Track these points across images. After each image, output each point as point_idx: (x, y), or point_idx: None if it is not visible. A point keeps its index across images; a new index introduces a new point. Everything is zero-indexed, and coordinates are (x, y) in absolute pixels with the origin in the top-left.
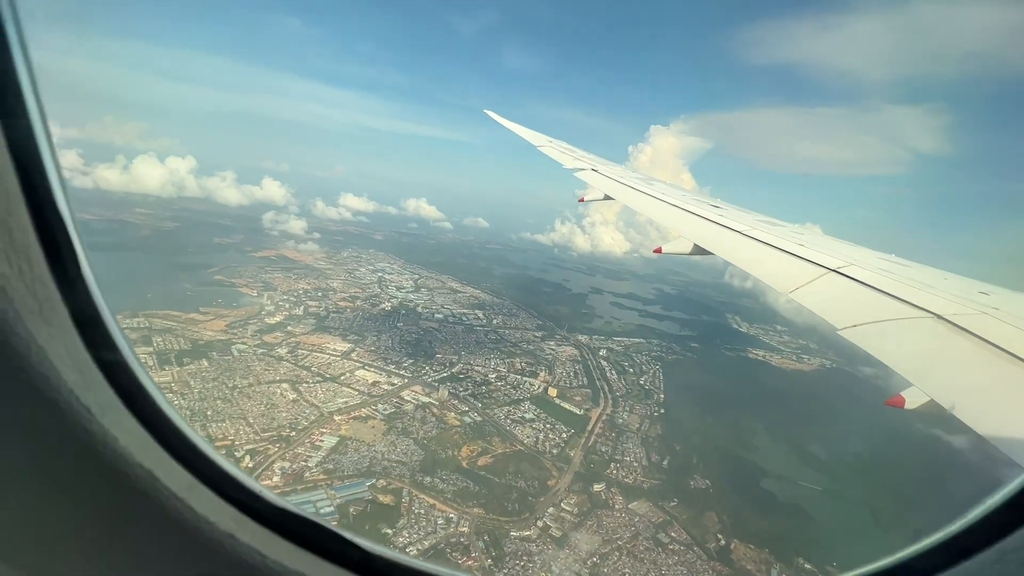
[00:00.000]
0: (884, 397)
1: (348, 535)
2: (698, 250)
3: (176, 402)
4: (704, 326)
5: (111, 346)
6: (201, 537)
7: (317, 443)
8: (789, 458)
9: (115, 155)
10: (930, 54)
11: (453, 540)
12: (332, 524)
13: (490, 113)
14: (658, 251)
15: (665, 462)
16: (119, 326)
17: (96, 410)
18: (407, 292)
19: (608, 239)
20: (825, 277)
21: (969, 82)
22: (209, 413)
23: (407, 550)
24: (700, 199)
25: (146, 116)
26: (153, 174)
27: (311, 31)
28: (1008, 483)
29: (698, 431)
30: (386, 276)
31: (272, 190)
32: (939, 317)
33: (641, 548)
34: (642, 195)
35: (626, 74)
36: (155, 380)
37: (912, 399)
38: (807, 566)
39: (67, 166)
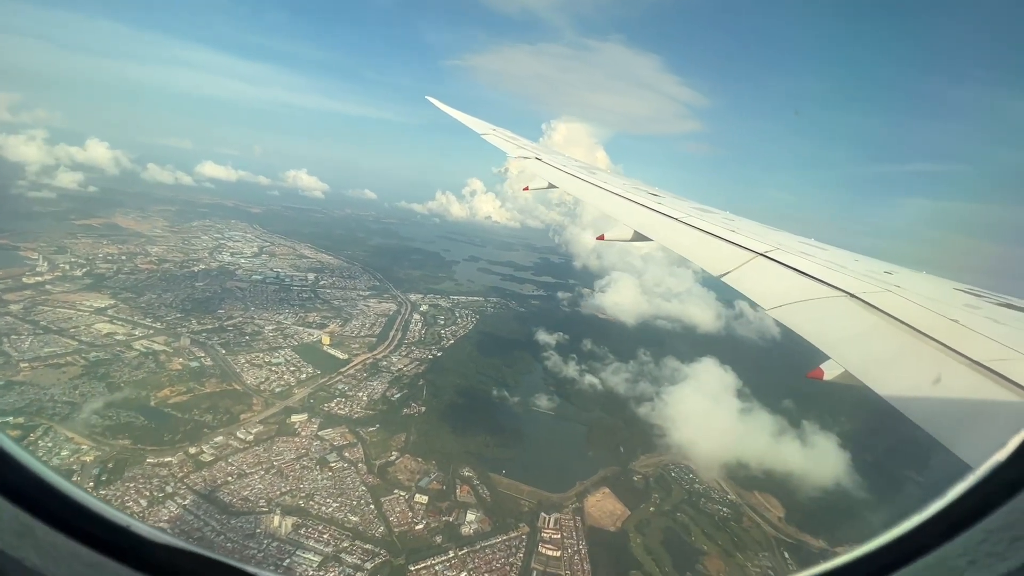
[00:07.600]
0: None
1: (251, 569)
2: (638, 236)
3: None
4: (565, 288)
5: None
6: None
7: None
8: (547, 390)
9: None
10: None
11: (64, 467)
12: (229, 558)
13: (432, 100)
14: (600, 238)
15: (396, 396)
16: None
17: None
18: (240, 257)
19: (488, 206)
20: (754, 261)
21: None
22: None
23: None
24: (639, 187)
25: (18, 85)
26: None
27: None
28: (979, 466)
29: (458, 371)
30: (228, 244)
31: (98, 152)
32: (852, 295)
33: (296, 468)
34: (585, 184)
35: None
36: None
37: (830, 371)
38: (466, 473)
39: None
